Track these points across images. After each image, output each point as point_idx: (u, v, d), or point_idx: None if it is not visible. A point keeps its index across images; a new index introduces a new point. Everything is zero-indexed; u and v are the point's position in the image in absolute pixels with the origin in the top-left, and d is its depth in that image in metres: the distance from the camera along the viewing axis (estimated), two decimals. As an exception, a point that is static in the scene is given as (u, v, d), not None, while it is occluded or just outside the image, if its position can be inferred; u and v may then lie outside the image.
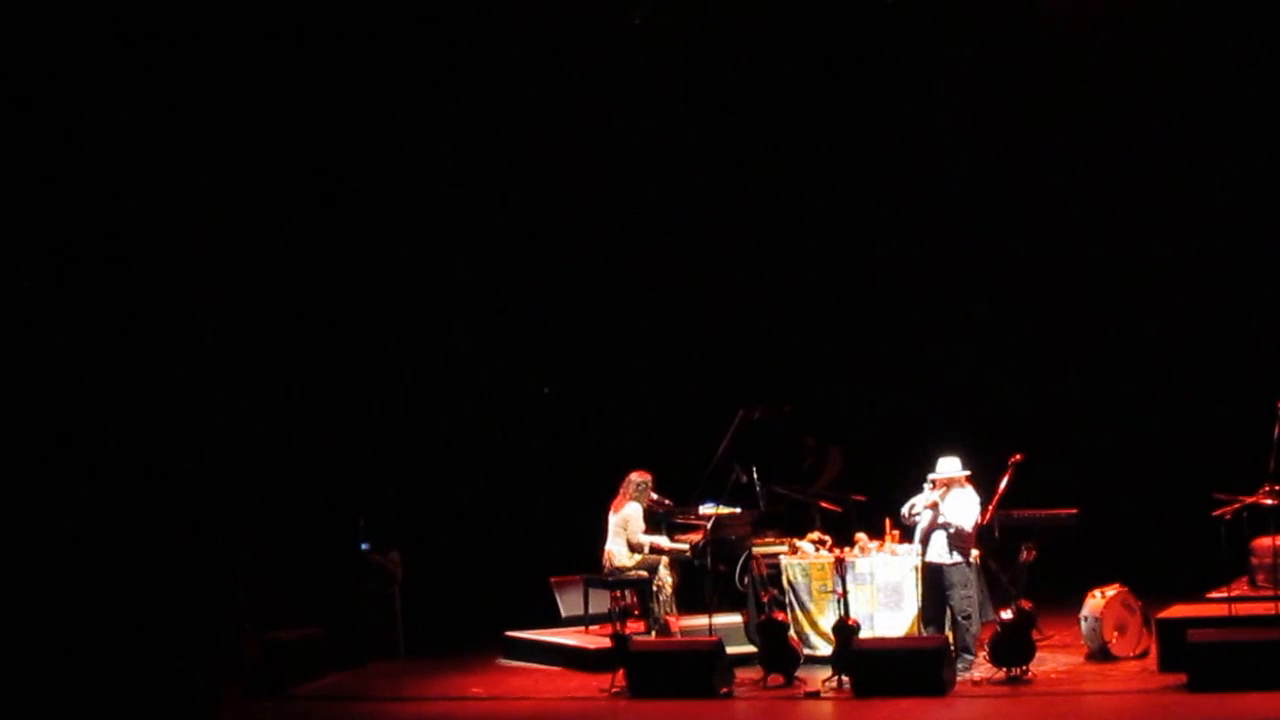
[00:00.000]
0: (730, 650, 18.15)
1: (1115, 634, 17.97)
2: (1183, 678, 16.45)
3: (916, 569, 18.20)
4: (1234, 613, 17.02)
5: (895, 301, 24.01)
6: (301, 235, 22.17)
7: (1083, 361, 23.46)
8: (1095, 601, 18.05)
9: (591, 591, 20.30)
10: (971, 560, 17.83)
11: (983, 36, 22.86)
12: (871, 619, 18.46)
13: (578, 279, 24.28)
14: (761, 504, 20.26)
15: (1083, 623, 18.16)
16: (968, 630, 17.70)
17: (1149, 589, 18.48)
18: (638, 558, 19.79)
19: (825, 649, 18.41)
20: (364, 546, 21.46)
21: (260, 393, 21.57)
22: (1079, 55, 22.64)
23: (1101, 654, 17.95)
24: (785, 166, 24.05)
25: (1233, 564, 17.88)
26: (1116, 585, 18.14)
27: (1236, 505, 17.14)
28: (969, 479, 17.92)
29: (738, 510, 20.05)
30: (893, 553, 18.79)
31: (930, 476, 17.91)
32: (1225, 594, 17.52)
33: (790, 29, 23.32)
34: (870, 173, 23.95)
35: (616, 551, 19.85)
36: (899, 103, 23.56)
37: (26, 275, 19.09)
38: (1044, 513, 18.56)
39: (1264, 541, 17.96)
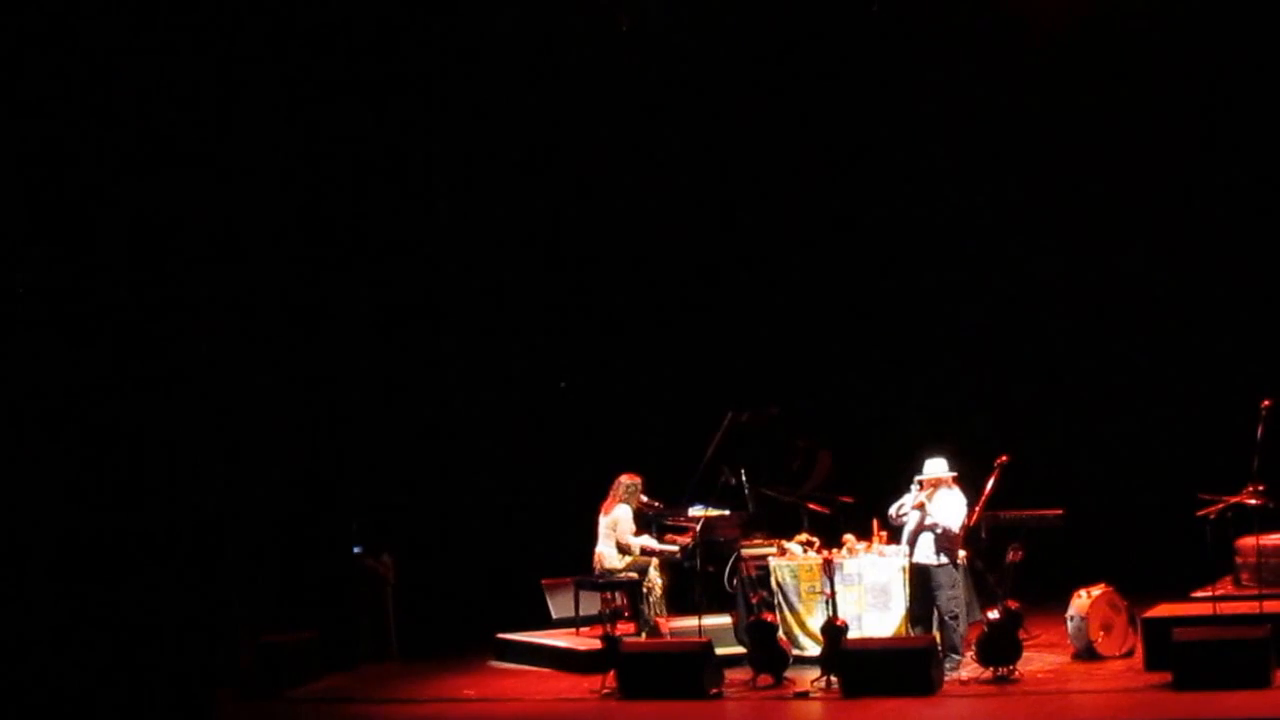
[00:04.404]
0: (720, 651, 18.24)
1: (1101, 633, 18.05)
2: (1168, 676, 16.51)
3: (904, 570, 18.29)
4: (1219, 612, 17.07)
5: (884, 304, 24.10)
6: (298, 237, 22.29)
7: (1067, 361, 23.56)
8: (1081, 601, 18.14)
9: (582, 593, 20.36)
10: (959, 561, 17.90)
11: (968, 39, 22.97)
12: (859, 619, 18.54)
13: (568, 285, 24.34)
14: (750, 506, 20.31)
15: (1069, 622, 18.26)
16: (955, 630, 17.79)
17: (1134, 588, 18.56)
18: (628, 559, 19.90)
19: (814, 649, 18.50)
20: (356, 550, 21.53)
21: (254, 396, 21.68)
22: (1066, 61, 22.79)
23: (1087, 653, 18.04)
24: (777, 170, 24.12)
25: (1217, 563, 17.98)
26: (1102, 585, 18.22)
27: (1221, 505, 17.16)
28: (955, 480, 18.03)
29: (727, 512, 20.13)
30: (880, 554, 18.88)
31: (917, 477, 17.99)
32: (1210, 593, 17.61)
33: (776, 30, 23.39)
34: (860, 176, 24.04)
35: (607, 553, 19.95)
36: (890, 105, 23.61)
37: (22, 278, 19.22)
38: (1030, 513, 18.62)
39: (1248, 541, 18.00)
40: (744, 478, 20.28)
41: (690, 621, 19.10)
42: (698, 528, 19.47)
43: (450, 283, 24.03)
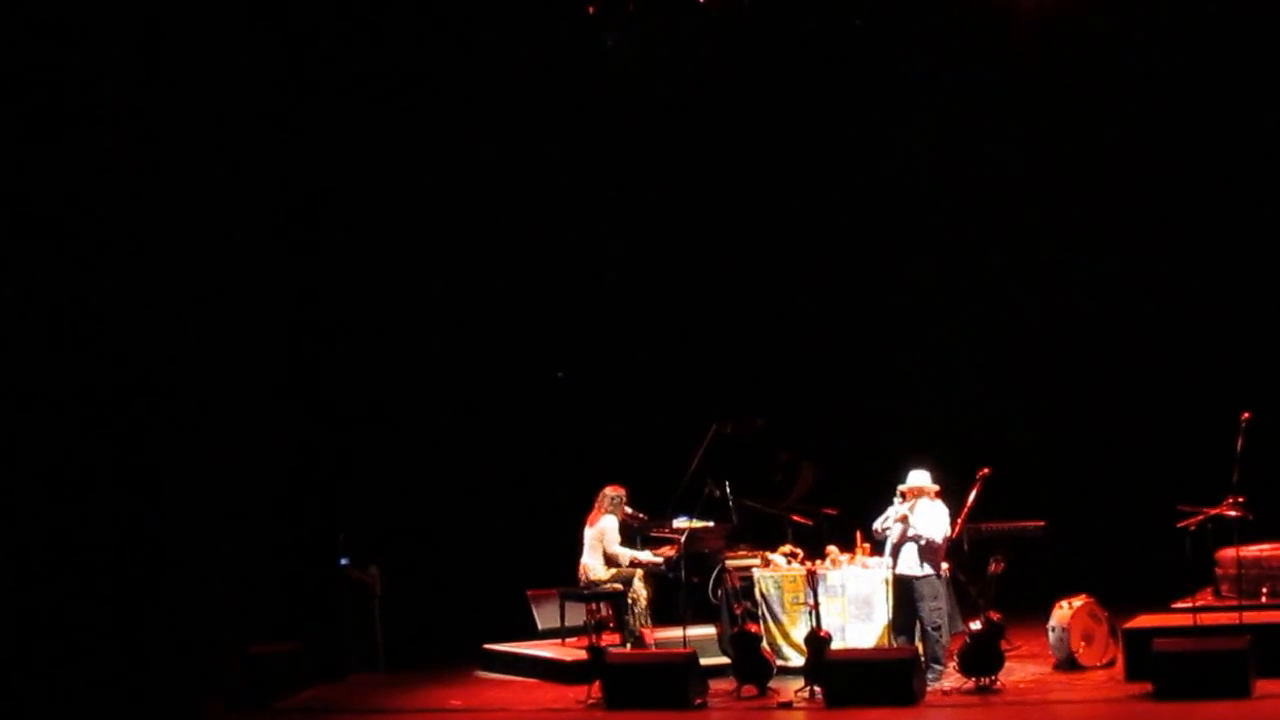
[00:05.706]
0: (704, 662, 18.31)
1: (1082, 644, 18.14)
2: (1148, 687, 16.62)
3: (887, 581, 18.34)
4: (1199, 622, 17.17)
5: (865, 316, 24.18)
6: (286, 249, 22.38)
7: (1049, 374, 23.65)
8: (1062, 612, 18.23)
9: (567, 604, 20.40)
10: (941, 572, 17.99)
11: (947, 55, 23.10)
12: (843, 630, 18.66)
13: (555, 297, 24.40)
14: (734, 518, 20.37)
15: (1050, 633, 18.34)
16: (937, 641, 17.86)
17: (1115, 599, 18.65)
18: (613, 571, 19.96)
19: (797, 660, 18.59)
20: (343, 561, 21.56)
21: (241, 407, 21.72)
22: (1045, 72, 22.93)
23: (1069, 664, 18.12)
24: (763, 181, 24.19)
25: (1197, 575, 17.98)
26: (1083, 596, 18.31)
27: (1201, 517, 17.21)
28: (938, 492, 18.09)
29: (711, 524, 20.18)
30: (864, 565, 18.99)
31: (899, 488, 18.08)
32: (1190, 604, 17.59)
33: (760, 44, 23.48)
34: (846, 190, 24.13)
35: (592, 565, 20.02)
36: (873, 117, 23.68)
37: (11, 287, 19.26)
38: (1012, 525, 18.76)
39: (1228, 552, 18.03)
40: (728, 489, 20.35)
41: (675, 632, 19.19)
42: (682, 539, 19.55)
43: (440, 296, 24.05)
